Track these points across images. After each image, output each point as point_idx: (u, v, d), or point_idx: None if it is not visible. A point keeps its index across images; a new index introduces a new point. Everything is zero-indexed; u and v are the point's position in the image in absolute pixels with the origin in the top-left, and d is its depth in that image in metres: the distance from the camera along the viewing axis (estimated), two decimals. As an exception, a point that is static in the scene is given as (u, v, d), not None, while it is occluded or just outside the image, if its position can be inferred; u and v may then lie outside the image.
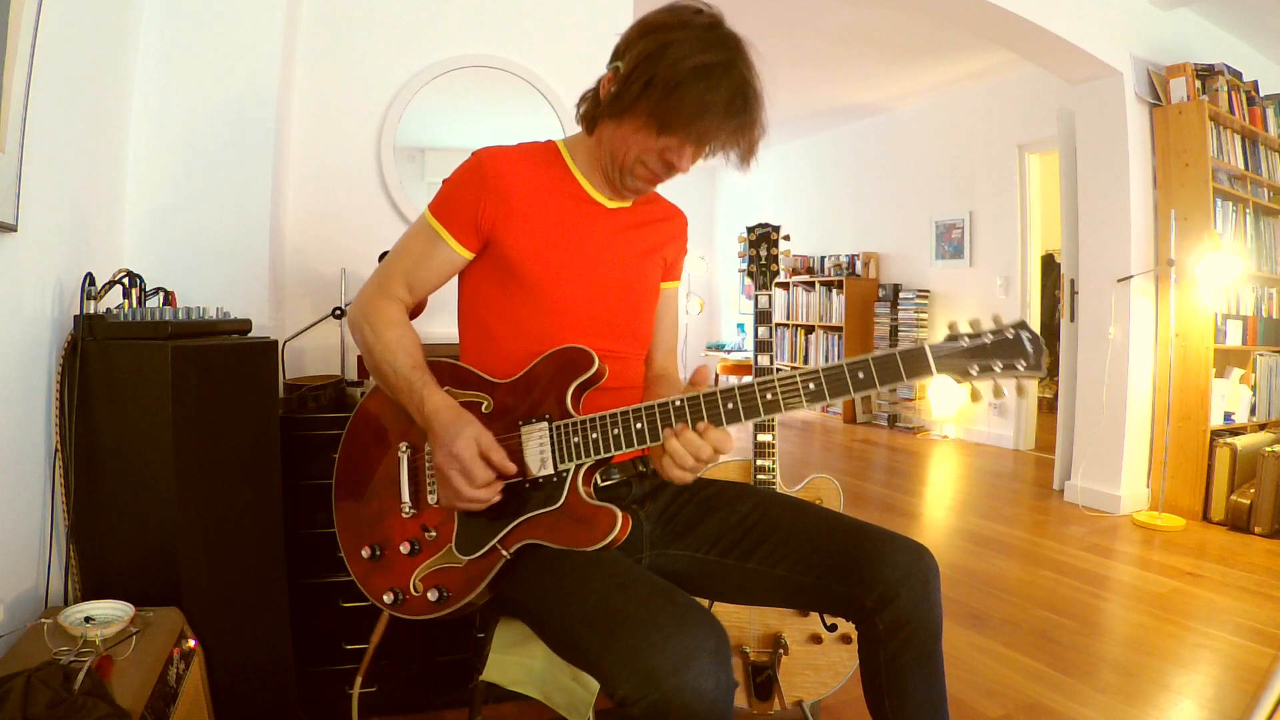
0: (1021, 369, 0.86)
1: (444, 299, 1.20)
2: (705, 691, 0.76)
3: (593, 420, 0.95)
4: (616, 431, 0.94)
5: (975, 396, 0.88)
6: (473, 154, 1.08)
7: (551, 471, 0.96)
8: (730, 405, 0.91)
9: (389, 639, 1.54)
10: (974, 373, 0.86)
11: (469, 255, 1.08)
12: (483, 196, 1.04)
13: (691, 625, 0.80)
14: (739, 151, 1.03)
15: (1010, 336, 0.86)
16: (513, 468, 0.97)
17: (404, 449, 1.05)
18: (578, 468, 0.96)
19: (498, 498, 0.97)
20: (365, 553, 1.05)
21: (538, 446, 0.97)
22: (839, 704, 1.69)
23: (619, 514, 0.92)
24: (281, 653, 1.38)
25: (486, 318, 1.09)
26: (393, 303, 1.08)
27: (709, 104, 0.95)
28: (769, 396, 0.89)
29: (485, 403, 1.03)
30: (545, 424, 0.98)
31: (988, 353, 0.86)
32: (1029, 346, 0.86)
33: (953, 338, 0.87)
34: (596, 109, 1.06)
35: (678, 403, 0.93)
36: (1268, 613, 2.28)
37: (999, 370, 0.86)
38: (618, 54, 1.03)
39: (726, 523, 1.08)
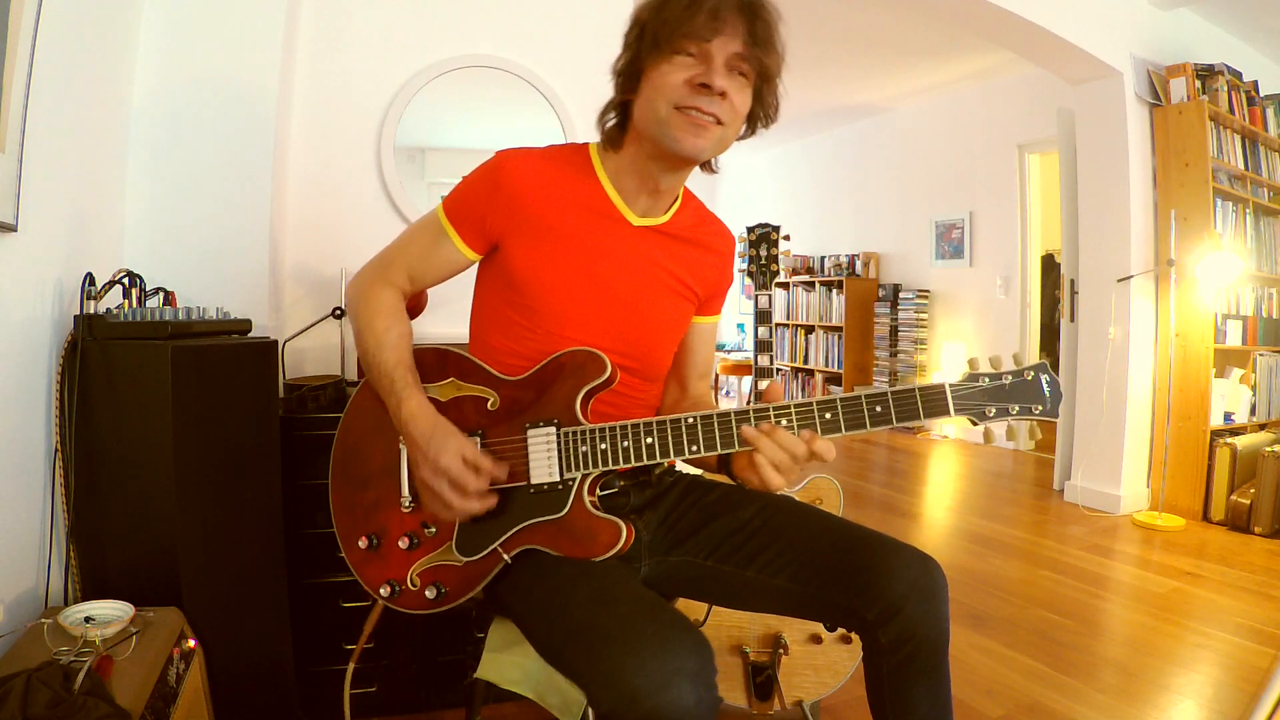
0: (1037, 413, 0.87)
1: (443, 295, 1.19)
2: (687, 710, 0.74)
3: (602, 430, 0.93)
4: (626, 444, 0.92)
5: (988, 438, 0.88)
6: (496, 153, 1.02)
7: (557, 479, 0.94)
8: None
9: (388, 638, 1.54)
10: (990, 414, 0.87)
11: (475, 257, 1.05)
12: (493, 202, 1.00)
13: (673, 645, 0.77)
14: (762, 33, 0.92)
15: (1029, 379, 0.87)
16: (503, 474, 0.95)
17: (405, 440, 1.02)
18: (584, 478, 0.94)
19: (492, 504, 0.94)
20: (363, 543, 1.02)
21: (544, 451, 0.95)
22: (839, 704, 1.69)
23: (623, 527, 0.91)
24: (281, 653, 1.38)
25: (490, 329, 1.06)
26: (390, 290, 1.06)
27: None
28: (784, 423, 0.88)
29: (491, 399, 1.00)
30: (553, 429, 0.95)
31: (1005, 395, 0.87)
32: (1047, 390, 0.87)
33: (973, 377, 0.87)
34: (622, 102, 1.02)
35: (690, 420, 0.91)
36: (1268, 613, 2.28)
37: (1015, 413, 0.87)
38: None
39: (728, 528, 1.05)
